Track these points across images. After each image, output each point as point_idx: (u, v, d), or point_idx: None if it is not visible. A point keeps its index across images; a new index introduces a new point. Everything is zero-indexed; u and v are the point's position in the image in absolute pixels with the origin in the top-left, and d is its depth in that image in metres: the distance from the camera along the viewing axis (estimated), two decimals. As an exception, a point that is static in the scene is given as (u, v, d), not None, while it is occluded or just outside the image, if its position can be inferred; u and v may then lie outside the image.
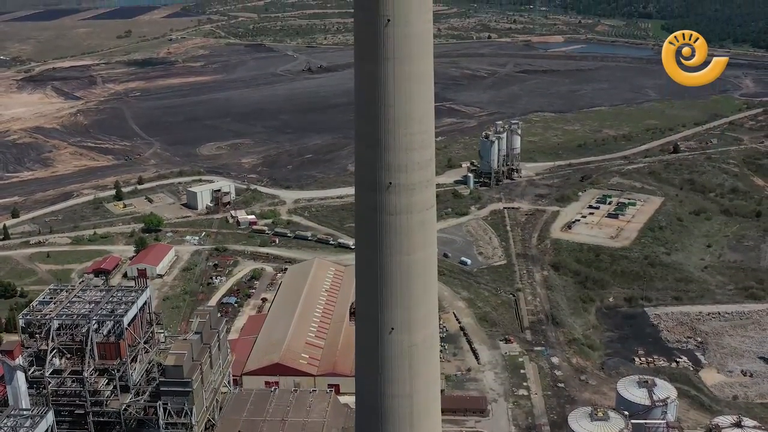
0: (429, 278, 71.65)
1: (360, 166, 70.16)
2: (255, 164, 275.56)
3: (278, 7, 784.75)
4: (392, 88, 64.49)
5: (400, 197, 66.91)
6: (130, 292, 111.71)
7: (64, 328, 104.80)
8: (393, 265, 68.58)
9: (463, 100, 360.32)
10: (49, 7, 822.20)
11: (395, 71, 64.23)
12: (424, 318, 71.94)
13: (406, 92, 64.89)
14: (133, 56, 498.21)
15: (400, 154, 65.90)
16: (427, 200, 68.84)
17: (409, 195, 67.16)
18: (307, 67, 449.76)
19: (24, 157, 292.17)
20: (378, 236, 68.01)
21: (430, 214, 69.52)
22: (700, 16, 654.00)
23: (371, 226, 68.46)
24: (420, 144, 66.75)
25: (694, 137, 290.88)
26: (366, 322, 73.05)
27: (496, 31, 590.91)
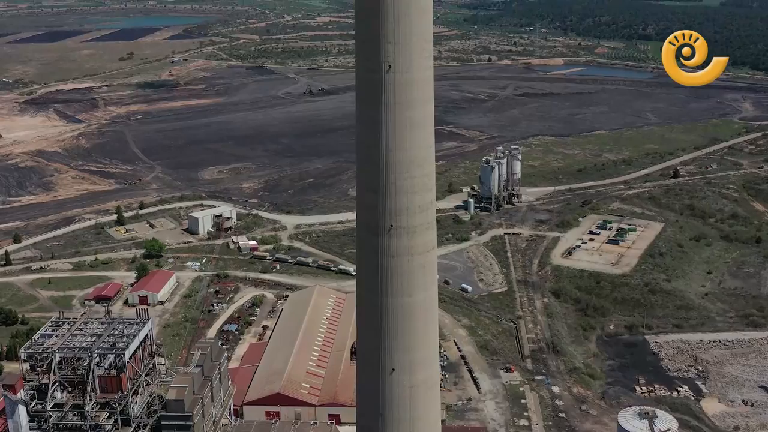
0: (430, 320, 72.02)
1: (362, 209, 70.79)
2: (256, 188, 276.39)
3: (279, 28, 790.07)
4: (393, 133, 65.22)
5: (401, 240, 67.44)
6: (132, 325, 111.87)
7: (65, 362, 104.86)
8: (394, 306, 68.99)
9: (464, 123, 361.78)
10: (52, 28, 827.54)
11: (396, 117, 64.97)
12: (425, 359, 72.26)
13: (407, 137, 65.62)
14: (135, 79, 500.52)
15: (401, 198, 66.49)
16: (427, 242, 69.34)
17: (410, 238, 67.68)
18: (308, 89, 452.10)
19: (26, 181, 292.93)
20: (379, 278, 68.48)
21: (430, 256, 69.99)
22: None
23: (373, 268, 68.96)
24: (421, 187, 67.38)
25: (694, 162, 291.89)
26: (367, 363, 73.35)
27: (497, 53, 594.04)
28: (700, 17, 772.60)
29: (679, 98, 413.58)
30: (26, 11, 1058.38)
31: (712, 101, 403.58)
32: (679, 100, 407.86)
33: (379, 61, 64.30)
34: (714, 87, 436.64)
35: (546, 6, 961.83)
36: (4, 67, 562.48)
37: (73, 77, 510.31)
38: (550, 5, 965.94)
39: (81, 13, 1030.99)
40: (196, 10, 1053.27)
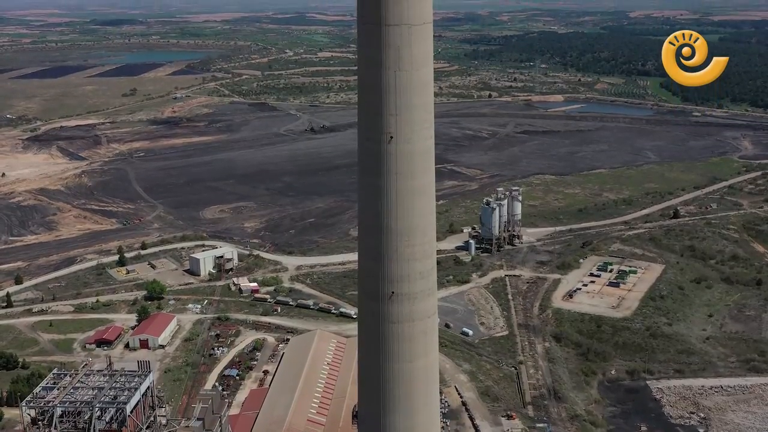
0: (430, 385, 72.44)
1: (363, 275, 71.56)
2: (258, 228, 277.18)
3: (282, 64, 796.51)
4: (395, 201, 66.21)
5: (403, 306, 68.13)
6: (134, 377, 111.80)
7: (67, 415, 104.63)
8: (395, 372, 69.50)
9: (464, 161, 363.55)
10: (56, 63, 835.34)
11: (398, 186, 66.03)
12: (426, 423, 72.56)
13: (408, 206, 66.60)
14: (138, 115, 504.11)
15: (402, 265, 67.31)
16: (429, 308, 70.01)
17: (411, 304, 68.37)
18: (310, 126, 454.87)
19: (28, 219, 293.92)
20: (381, 343, 69.05)
21: (431, 321, 70.61)
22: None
23: (374, 333, 69.54)
24: (422, 254, 68.22)
25: (694, 201, 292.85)
26: (368, 427, 73.59)
27: (497, 90, 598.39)
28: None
29: (679, 136, 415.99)
30: (30, 46, 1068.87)
31: (711, 139, 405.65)
32: (679, 138, 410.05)
33: (382, 131, 65.43)
34: (713, 125, 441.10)
35: (546, 41, 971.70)
36: (9, 102, 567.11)
37: (77, 113, 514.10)
38: (549, 40, 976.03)
39: (85, 48, 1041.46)
40: (198, 45, 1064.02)
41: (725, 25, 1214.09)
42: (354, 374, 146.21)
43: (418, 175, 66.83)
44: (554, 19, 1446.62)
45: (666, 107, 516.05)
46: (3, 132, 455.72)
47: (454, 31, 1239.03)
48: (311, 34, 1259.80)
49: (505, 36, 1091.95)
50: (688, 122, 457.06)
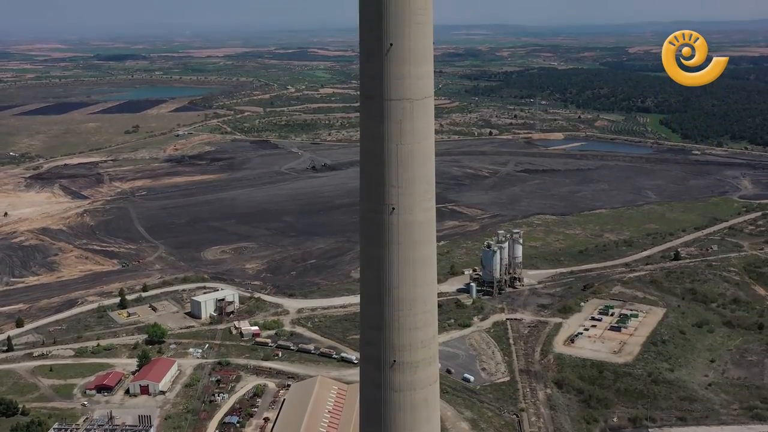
0: (433, 452, 72.51)
1: (365, 343, 71.97)
2: (259, 270, 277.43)
3: (283, 100, 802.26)
4: (396, 272, 66.82)
5: (404, 375, 68.43)
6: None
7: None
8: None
9: (465, 201, 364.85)
10: (60, 99, 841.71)
11: (399, 256, 66.64)
12: (428, 490, 72.51)
13: (410, 276, 67.20)
14: (141, 153, 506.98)
15: (404, 334, 67.75)
16: (430, 376, 70.30)
17: (412, 373, 68.68)
18: (311, 165, 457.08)
19: (30, 260, 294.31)
20: (383, 413, 69.18)
21: (433, 389, 70.88)
22: (698, 111, 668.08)
23: (376, 402, 69.73)
24: (423, 323, 68.72)
25: (695, 243, 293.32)
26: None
27: (497, 127, 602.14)
28: (697, 90, 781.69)
29: (679, 175, 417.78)
30: (34, 81, 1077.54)
31: (711, 178, 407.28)
32: (679, 177, 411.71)
33: (383, 203, 66.19)
34: (713, 163, 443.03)
35: (546, 77, 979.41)
36: (12, 140, 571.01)
37: (79, 151, 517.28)
38: (549, 77, 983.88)
39: (88, 84, 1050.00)
40: (201, 81, 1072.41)
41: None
42: (355, 423, 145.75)
43: (419, 245, 67.55)
44: (554, 55, 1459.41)
45: (666, 145, 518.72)
46: (6, 170, 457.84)
47: (454, 66, 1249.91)
48: (313, 69, 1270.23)
49: (506, 72, 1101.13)
50: (688, 161, 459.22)
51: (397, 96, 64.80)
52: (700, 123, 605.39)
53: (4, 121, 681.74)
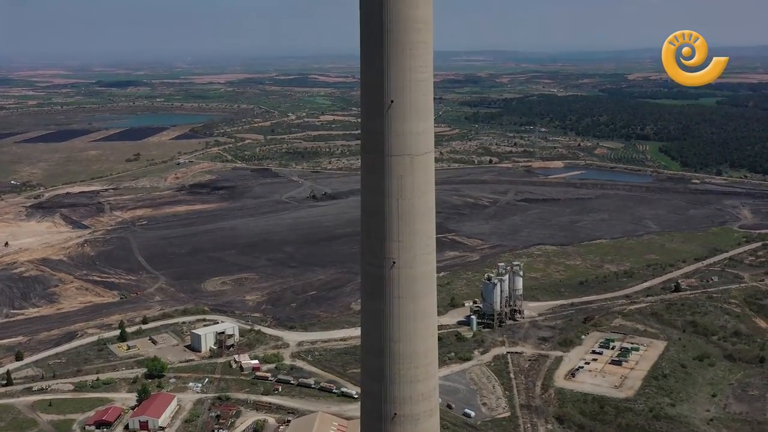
0: (433, 506, 72.34)
1: (365, 396, 72.10)
2: (259, 301, 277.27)
3: (284, 128, 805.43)
4: (397, 326, 67.13)
5: (405, 428, 68.50)
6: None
7: None
8: (398, 494, 69.44)
9: (466, 231, 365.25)
10: (61, 127, 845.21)
11: (400, 310, 66.98)
12: None
13: (411, 329, 67.54)
14: (141, 182, 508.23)
15: (404, 387, 67.95)
16: (431, 428, 70.44)
17: (413, 425, 68.81)
18: (311, 194, 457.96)
19: (30, 291, 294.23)
20: (383, 466, 69.17)
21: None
22: (697, 139, 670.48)
23: (377, 455, 69.75)
24: (424, 376, 68.94)
25: (695, 274, 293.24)
26: None
27: (497, 155, 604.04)
28: (697, 117, 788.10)
29: (679, 204, 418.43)
30: (36, 108, 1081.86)
31: (711, 208, 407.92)
32: (679, 207, 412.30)
33: (384, 257, 66.63)
34: (713, 192, 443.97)
35: (545, 104, 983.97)
36: (13, 168, 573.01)
37: (80, 179, 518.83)
38: (549, 104, 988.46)
39: (90, 111, 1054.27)
40: (202, 108, 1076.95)
41: (722, 88, 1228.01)
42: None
43: (420, 298, 67.97)
44: (553, 81, 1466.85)
45: (665, 174, 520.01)
46: (7, 199, 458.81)
47: (454, 93, 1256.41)
48: (313, 96, 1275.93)
49: (505, 99, 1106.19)
50: (688, 190, 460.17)
51: (398, 152, 65.52)
52: (700, 151, 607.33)
53: (5, 148, 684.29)
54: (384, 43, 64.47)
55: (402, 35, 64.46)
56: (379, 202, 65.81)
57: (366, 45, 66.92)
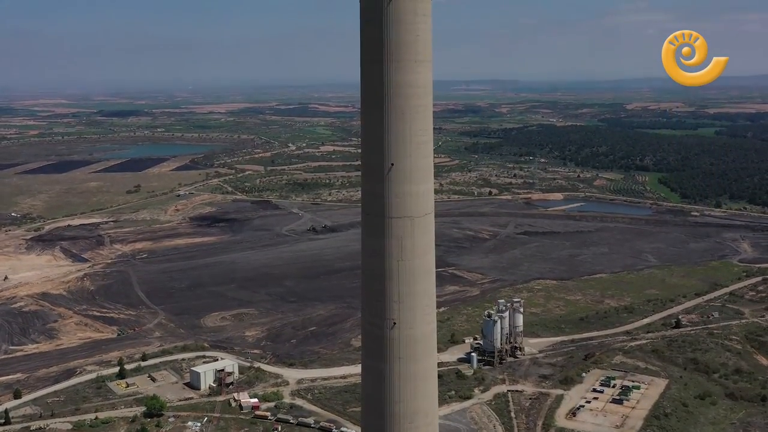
0: None
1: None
2: (259, 337, 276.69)
3: (284, 158, 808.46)
4: (398, 387, 67.20)
5: (405, 491, 68.21)
6: None
7: None
8: None
9: (466, 264, 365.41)
10: (62, 157, 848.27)
11: (401, 371, 67.08)
12: None
13: (411, 390, 67.59)
14: (141, 214, 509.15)
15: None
16: (431, 485, 70.12)
17: (414, 483, 68.52)
18: (312, 227, 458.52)
19: (29, 327, 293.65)
20: None
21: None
22: (696, 170, 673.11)
23: None
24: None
25: (696, 310, 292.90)
26: None
27: (497, 186, 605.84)
28: (695, 148, 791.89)
29: (679, 237, 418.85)
30: (37, 139, 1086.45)
31: (710, 241, 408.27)
32: (679, 240, 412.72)
33: (385, 317, 66.88)
34: (712, 225, 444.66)
35: (545, 134, 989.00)
36: (14, 199, 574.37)
37: (81, 212, 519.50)
38: (548, 134, 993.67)
39: (91, 141, 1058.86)
40: (203, 138, 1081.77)
41: (721, 118, 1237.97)
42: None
43: (420, 358, 68.14)
44: (552, 111, 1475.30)
45: (664, 206, 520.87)
46: (8, 231, 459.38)
47: (454, 123, 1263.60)
48: (314, 126, 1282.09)
49: (505, 129, 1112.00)
50: (687, 222, 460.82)
51: (398, 214, 66.02)
52: (699, 182, 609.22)
53: (6, 180, 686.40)
54: (384, 107, 65.31)
55: (402, 100, 65.31)
56: (380, 264, 66.23)
57: (366, 109, 67.74)
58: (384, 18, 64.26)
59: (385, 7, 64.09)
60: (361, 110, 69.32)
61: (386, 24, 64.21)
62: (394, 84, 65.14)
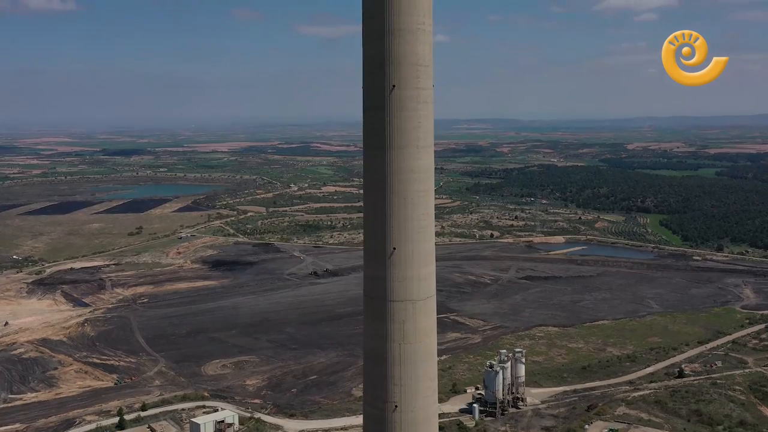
0: None
1: None
2: (259, 386, 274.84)
3: (286, 199, 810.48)
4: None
5: None
6: None
7: None
8: None
9: (467, 311, 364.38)
10: (65, 198, 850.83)
11: (403, 454, 66.81)
12: None
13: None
14: (143, 257, 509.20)
15: None
16: None
17: None
18: (313, 271, 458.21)
19: (29, 374, 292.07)
20: None
21: None
22: (697, 212, 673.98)
23: None
24: None
25: (699, 359, 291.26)
26: None
27: (498, 228, 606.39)
28: (696, 190, 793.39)
29: (681, 283, 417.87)
30: (40, 178, 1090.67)
31: (713, 287, 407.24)
32: (681, 286, 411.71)
33: (386, 400, 66.84)
34: (714, 270, 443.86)
35: (546, 175, 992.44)
36: (16, 242, 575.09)
37: (82, 254, 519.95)
38: (549, 174, 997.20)
39: (93, 181, 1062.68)
40: (205, 178, 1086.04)
41: (721, 158, 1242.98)
42: None
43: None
44: (553, 151, 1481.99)
45: (666, 250, 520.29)
46: (9, 275, 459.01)
47: (455, 162, 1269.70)
48: (315, 165, 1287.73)
49: (506, 169, 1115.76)
50: (689, 267, 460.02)
51: (400, 297, 66.36)
52: (700, 224, 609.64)
53: (9, 221, 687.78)
54: (386, 192, 65.99)
55: (404, 185, 65.99)
56: (381, 347, 66.40)
57: (368, 193, 68.43)
58: (386, 105, 65.20)
59: (388, 95, 65.04)
60: (364, 194, 69.98)
61: (388, 111, 65.13)
62: (396, 170, 65.91)
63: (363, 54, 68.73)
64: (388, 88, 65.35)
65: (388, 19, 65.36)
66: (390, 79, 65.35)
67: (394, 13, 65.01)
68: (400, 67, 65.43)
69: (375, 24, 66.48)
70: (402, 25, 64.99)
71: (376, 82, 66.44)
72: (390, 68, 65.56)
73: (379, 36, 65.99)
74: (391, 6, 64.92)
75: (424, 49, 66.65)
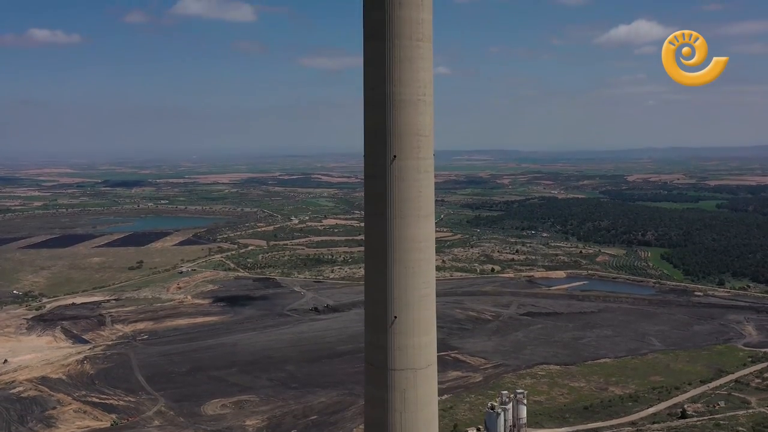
0: None
1: None
2: (259, 427, 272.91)
3: (287, 233, 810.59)
4: None
5: None
6: None
7: None
8: None
9: (468, 348, 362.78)
10: (66, 231, 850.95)
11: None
12: None
13: None
14: (143, 292, 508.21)
15: None
16: None
17: None
18: (313, 307, 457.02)
19: (27, 414, 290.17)
20: None
21: None
22: (698, 246, 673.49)
23: None
24: None
25: (701, 398, 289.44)
26: None
27: (499, 263, 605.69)
28: (697, 223, 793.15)
29: (682, 319, 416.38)
30: (41, 211, 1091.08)
31: (715, 323, 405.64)
32: (682, 322, 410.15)
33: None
34: (716, 306, 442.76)
35: (546, 208, 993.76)
36: (16, 276, 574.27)
37: (83, 289, 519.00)
38: (550, 207, 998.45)
39: (94, 214, 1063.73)
40: (206, 211, 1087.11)
41: (721, 190, 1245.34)
42: None
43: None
44: (554, 183, 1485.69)
45: (668, 285, 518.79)
46: (9, 311, 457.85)
47: (456, 194, 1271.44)
48: (316, 197, 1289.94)
49: (507, 201, 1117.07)
50: (691, 303, 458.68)
51: (401, 366, 66.24)
52: (701, 259, 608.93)
53: (9, 255, 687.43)
54: (387, 260, 66.15)
55: (404, 254, 66.19)
56: (382, 415, 66.12)
57: (369, 261, 68.58)
58: (387, 175, 65.58)
59: (389, 164, 65.46)
60: (365, 260, 70.12)
61: (389, 180, 65.49)
62: (397, 238, 66.14)
63: (364, 123, 69.32)
64: (389, 158, 65.78)
65: (389, 90, 66.04)
66: (391, 149, 65.85)
67: (395, 84, 65.69)
68: (401, 138, 65.96)
69: (376, 94, 67.11)
70: (403, 96, 65.68)
71: (377, 152, 66.91)
72: (391, 138, 66.12)
73: (380, 106, 66.61)
74: (392, 77, 65.61)
75: (424, 119, 67.23)
